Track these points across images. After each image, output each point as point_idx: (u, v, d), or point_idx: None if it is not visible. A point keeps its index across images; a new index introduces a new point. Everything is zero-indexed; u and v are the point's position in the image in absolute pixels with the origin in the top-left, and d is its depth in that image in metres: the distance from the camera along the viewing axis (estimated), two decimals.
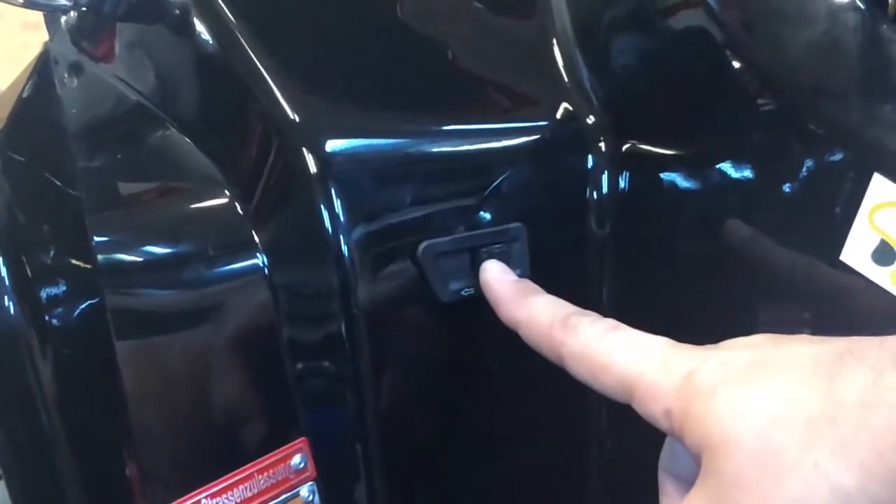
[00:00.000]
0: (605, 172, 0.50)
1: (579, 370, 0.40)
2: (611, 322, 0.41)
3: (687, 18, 0.48)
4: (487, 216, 0.48)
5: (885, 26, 0.43)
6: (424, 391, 0.49)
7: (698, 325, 0.39)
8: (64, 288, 0.43)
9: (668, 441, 0.40)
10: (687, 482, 0.36)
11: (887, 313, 0.42)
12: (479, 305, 0.47)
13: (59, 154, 0.49)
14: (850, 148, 0.43)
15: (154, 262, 0.45)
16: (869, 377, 0.30)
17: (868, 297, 0.43)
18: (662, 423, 0.36)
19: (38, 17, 0.64)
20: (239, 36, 0.46)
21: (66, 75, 0.56)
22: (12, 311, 0.41)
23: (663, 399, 0.36)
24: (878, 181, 0.41)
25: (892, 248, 0.42)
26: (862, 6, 0.43)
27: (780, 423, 0.32)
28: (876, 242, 0.42)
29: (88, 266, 0.43)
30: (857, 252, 0.43)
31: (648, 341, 0.38)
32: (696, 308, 0.39)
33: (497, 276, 0.46)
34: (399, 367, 0.48)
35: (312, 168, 0.43)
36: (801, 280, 0.45)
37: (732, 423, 0.33)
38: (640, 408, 0.37)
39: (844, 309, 0.44)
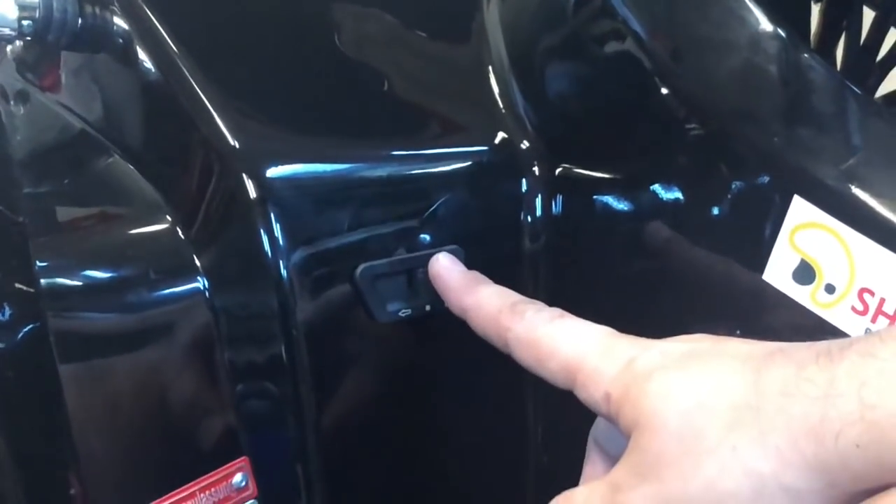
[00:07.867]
0: (539, 195, 0.51)
1: (524, 356, 0.41)
2: (556, 310, 0.41)
3: (617, 47, 0.49)
4: (425, 239, 0.49)
5: (804, 55, 0.44)
6: (363, 411, 0.50)
7: None
8: (7, 311, 0.43)
9: None
10: (615, 458, 0.37)
11: (810, 330, 0.43)
12: (416, 326, 0.49)
13: (3, 181, 0.49)
14: (772, 171, 0.44)
15: (96, 286, 0.45)
16: (791, 370, 0.31)
17: (791, 315, 0.44)
18: (602, 407, 0.37)
19: None
20: (180, 64, 0.47)
21: (12, 103, 0.56)
22: None
23: (604, 383, 0.36)
24: (797, 203, 0.42)
25: (811, 268, 0.43)
26: (783, 35, 0.45)
27: (704, 407, 0.33)
28: (796, 262, 0.43)
29: (31, 290, 0.44)
30: (779, 272, 0.44)
31: (592, 329, 0.40)
32: (628, 325, 0.40)
33: (447, 266, 0.47)
34: (338, 387, 0.48)
35: (252, 193, 0.44)
36: (730, 298, 0.46)
37: (661, 404, 0.34)
38: (581, 392, 0.38)
39: (771, 326, 0.45)
